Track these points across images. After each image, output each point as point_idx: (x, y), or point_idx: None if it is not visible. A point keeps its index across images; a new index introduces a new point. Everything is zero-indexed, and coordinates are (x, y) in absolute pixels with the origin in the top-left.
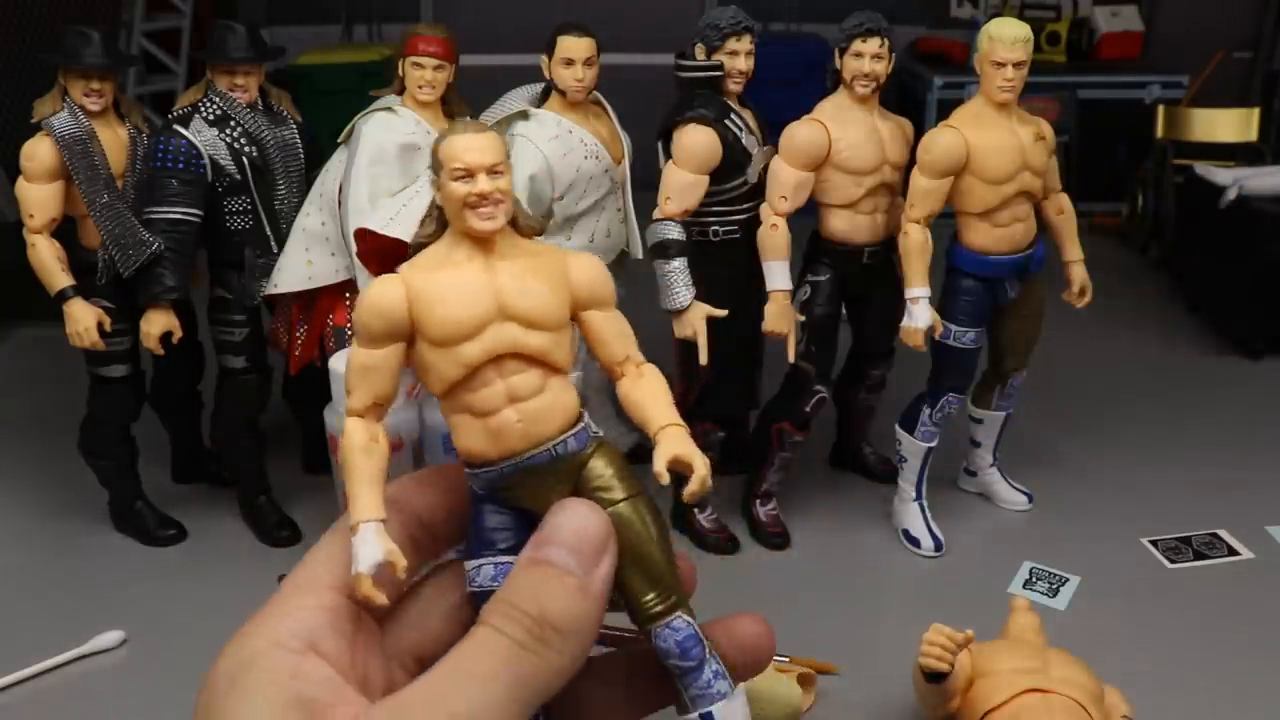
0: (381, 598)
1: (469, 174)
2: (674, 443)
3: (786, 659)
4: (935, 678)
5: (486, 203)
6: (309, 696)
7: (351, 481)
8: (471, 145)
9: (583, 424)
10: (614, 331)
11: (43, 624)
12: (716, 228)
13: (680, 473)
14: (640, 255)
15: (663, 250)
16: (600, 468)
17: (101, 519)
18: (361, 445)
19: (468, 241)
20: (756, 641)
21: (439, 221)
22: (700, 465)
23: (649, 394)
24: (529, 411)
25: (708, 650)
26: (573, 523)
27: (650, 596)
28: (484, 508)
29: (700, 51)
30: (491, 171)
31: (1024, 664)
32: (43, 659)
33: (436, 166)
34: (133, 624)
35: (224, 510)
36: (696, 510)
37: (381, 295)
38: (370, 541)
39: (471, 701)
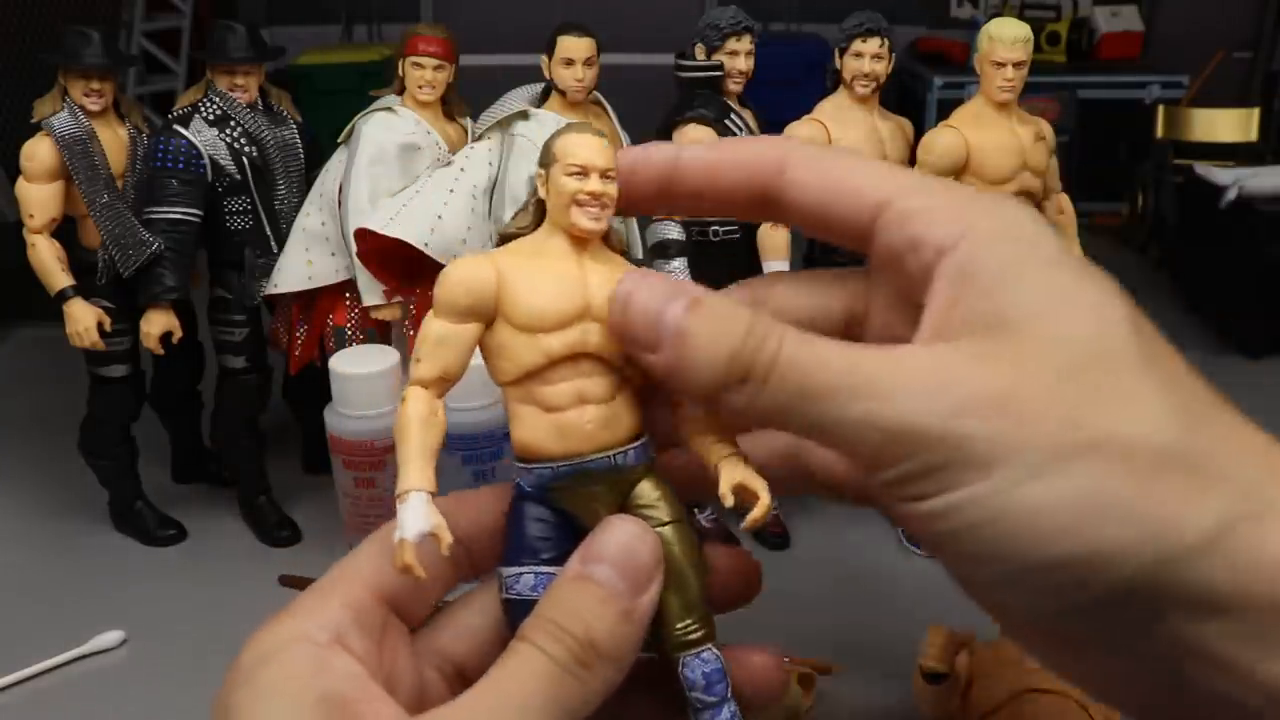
0: (421, 570)
1: (584, 172)
2: (738, 469)
3: (787, 659)
4: (935, 678)
5: (595, 203)
6: (335, 692)
7: (405, 450)
8: (591, 145)
9: (643, 441)
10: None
11: (42, 624)
12: (716, 227)
13: (742, 500)
14: (640, 255)
15: (662, 250)
16: (649, 489)
17: (101, 519)
18: (421, 416)
19: (564, 238)
20: (767, 676)
21: (535, 216)
22: (764, 492)
23: (713, 423)
24: (597, 416)
25: (729, 689)
26: (623, 541)
27: (687, 623)
28: (527, 509)
29: (700, 51)
30: (605, 175)
31: (1023, 664)
32: (42, 659)
33: (548, 161)
34: (133, 624)
35: (224, 510)
36: (697, 510)
37: (472, 271)
38: (418, 510)
39: None
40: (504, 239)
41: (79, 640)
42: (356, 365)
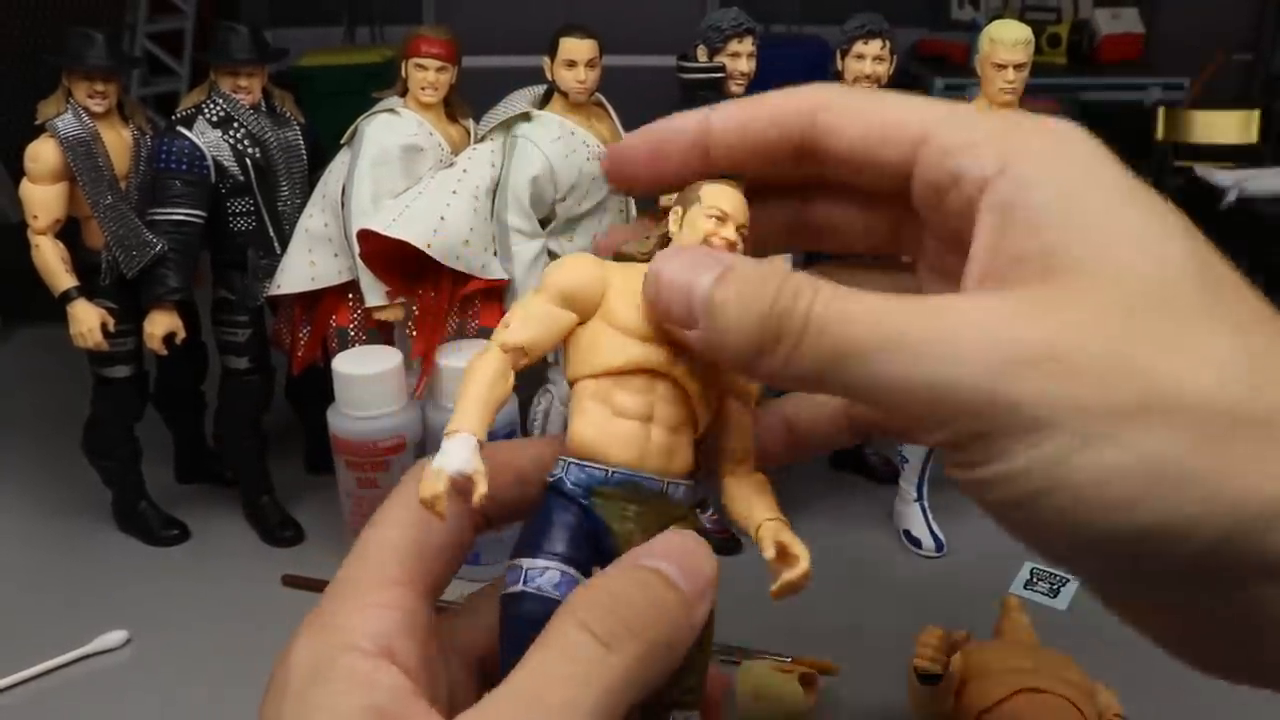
0: (445, 509)
1: (724, 218)
2: (784, 532)
3: (787, 659)
4: (929, 679)
5: (723, 248)
6: (380, 705)
7: (466, 395)
8: (736, 198)
9: (694, 484)
10: (746, 427)
11: (46, 624)
12: None
13: (782, 562)
14: None
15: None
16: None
17: (105, 519)
18: (494, 371)
19: None
20: None
21: (657, 247)
22: (803, 556)
23: (758, 489)
24: (661, 439)
25: None
26: (685, 545)
27: (689, 684)
28: (561, 504)
29: (702, 53)
30: (740, 228)
31: (1017, 664)
32: (46, 659)
33: (690, 200)
34: (136, 624)
35: (227, 510)
36: (698, 510)
37: (585, 265)
38: (464, 448)
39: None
40: (619, 257)
41: (82, 640)
42: (359, 366)
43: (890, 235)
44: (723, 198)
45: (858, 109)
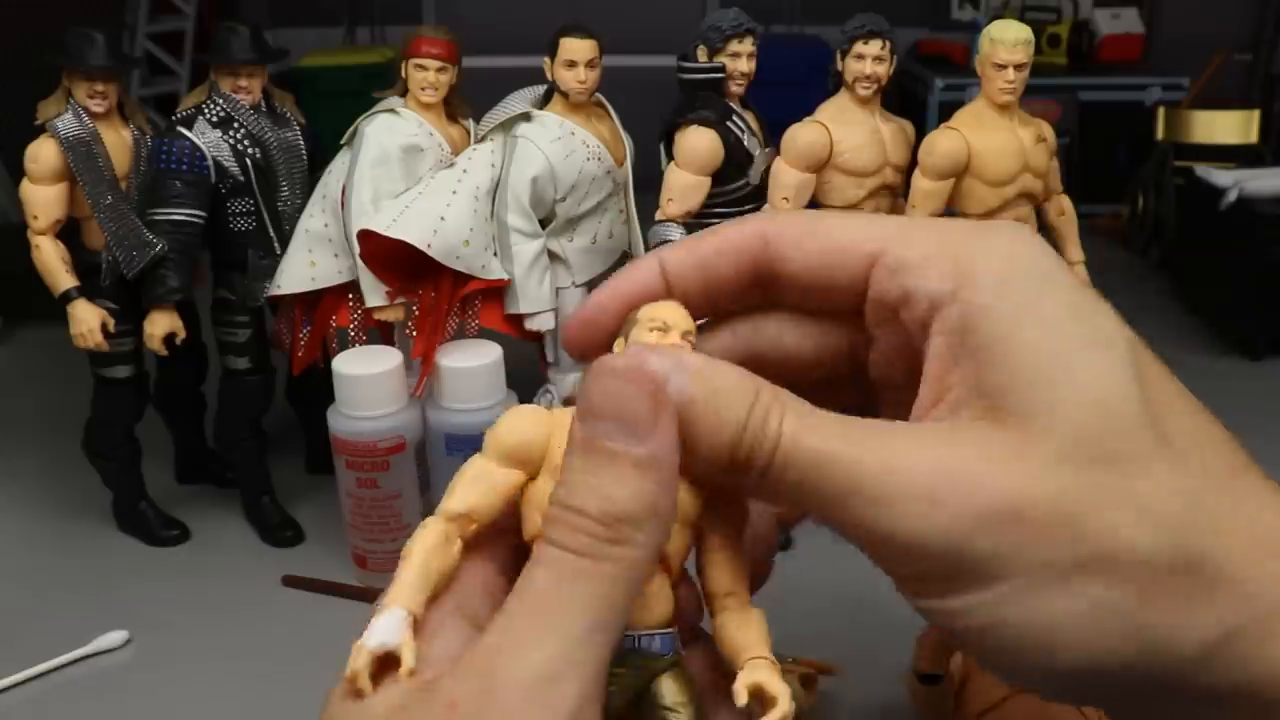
0: (369, 688)
1: (666, 330)
2: (761, 671)
3: (788, 659)
4: (929, 679)
5: None
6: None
7: (404, 568)
8: (675, 309)
9: (671, 632)
10: (730, 561)
11: (46, 624)
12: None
13: (758, 706)
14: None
15: None
16: (674, 690)
17: (105, 519)
18: (433, 545)
19: None
20: None
21: None
22: (783, 701)
23: (750, 625)
24: None
25: None
26: (608, 388)
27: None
28: None
29: (702, 53)
30: (686, 334)
31: None
32: (46, 659)
33: (630, 324)
34: (136, 624)
35: (227, 511)
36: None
37: (523, 421)
38: (391, 621)
39: (556, 653)
40: (566, 402)
41: (82, 641)
42: (360, 366)
43: (842, 355)
44: (661, 309)
45: (808, 232)
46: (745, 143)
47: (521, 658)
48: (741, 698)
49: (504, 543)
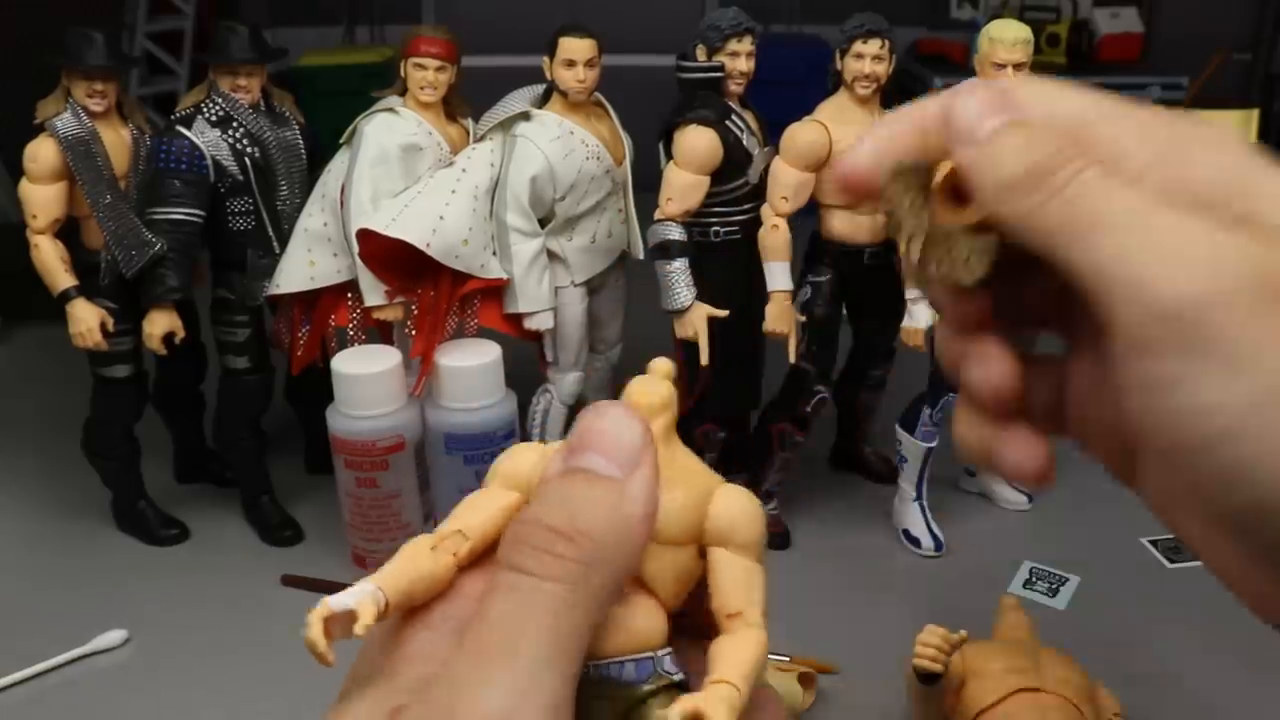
0: (321, 640)
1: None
2: (707, 698)
3: (787, 659)
4: (929, 679)
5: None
6: None
7: (392, 560)
8: (647, 388)
9: (647, 657)
10: (734, 579)
11: (45, 623)
12: (717, 228)
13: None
14: (641, 256)
15: (664, 251)
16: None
17: (104, 518)
18: (424, 547)
19: None
20: None
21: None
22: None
23: (738, 646)
24: None
25: None
26: (603, 426)
27: None
28: None
29: (701, 53)
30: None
31: (1015, 663)
32: (46, 658)
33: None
34: (135, 623)
35: (227, 510)
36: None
37: (525, 456)
38: (361, 588)
39: (512, 687)
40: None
41: (82, 639)
42: (359, 365)
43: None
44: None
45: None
46: (744, 142)
47: (476, 694)
48: (672, 717)
49: None
